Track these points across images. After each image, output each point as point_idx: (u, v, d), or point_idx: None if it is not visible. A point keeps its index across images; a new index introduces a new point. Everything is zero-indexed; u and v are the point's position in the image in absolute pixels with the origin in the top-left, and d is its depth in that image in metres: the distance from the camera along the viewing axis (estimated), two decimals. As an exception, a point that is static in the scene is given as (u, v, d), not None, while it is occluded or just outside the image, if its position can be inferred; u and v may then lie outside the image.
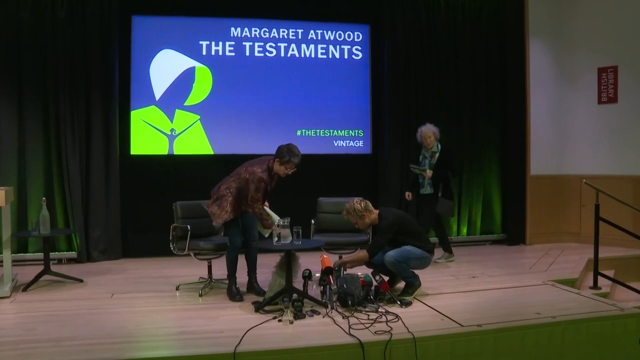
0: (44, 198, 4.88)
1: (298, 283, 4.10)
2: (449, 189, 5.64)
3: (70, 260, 5.89)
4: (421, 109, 6.74)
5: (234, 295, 4.26)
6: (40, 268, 4.81)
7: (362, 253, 4.24)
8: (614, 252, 5.99)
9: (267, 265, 4.57)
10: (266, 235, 4.25)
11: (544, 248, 6.62)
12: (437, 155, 5.62)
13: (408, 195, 5.82)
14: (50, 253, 5.09)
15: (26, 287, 4.60)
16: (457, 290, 4.54)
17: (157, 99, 6.29)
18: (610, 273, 5.24)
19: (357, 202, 4.28)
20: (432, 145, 5.62)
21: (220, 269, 4.60)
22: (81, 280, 4.89)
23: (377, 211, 4.31)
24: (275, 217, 4.21)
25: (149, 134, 6.28)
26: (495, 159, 7.12)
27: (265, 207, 4.27)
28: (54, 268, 5.04)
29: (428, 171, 5.59)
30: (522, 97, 6.99)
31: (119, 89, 6.08)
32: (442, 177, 5.59)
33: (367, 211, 4.26)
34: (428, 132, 5.61)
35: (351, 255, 4.60)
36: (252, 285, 4.39)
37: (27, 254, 5.80)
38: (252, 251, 4.43)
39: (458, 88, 6.90)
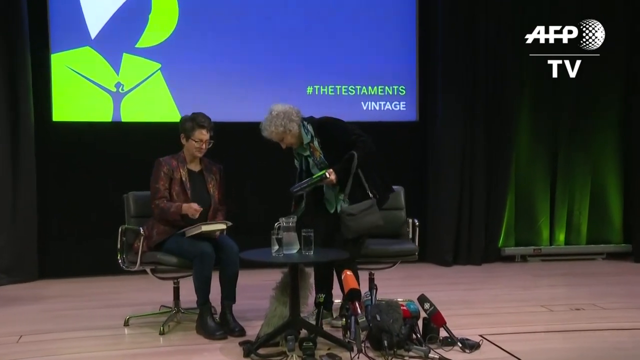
0: None
1: (308, 313, 4.13)
2: (360, 180, 4.58)
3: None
4: (493, 55, 6.77)
5: (212, 331, 4.27)
6: None
7: None
8: None
9: (260, 287, 4.59)
10: (187, 234, 4.40)
11: (696, 269, 6.65)
12: (317, 141, 4.63)
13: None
14: None
15: None
16: (551, 328, 4.51)
17: (92, 36, 6.31)
18: None
19: None
20: (297, 141, 4.64)
21: (193, 293, 4.56)
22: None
23: None
24: (219, 226, 4.42)
25: (82, 90, 6.32)
26: (611, 130, 7.13)
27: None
28: None
29: (329, 175, 4.46)
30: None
31: (28, 23, 6.07)
32: (347, 166, 4.53)
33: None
34: (277, 129, 4.51)
35: None
36: (226, 318, 4.39)
37: None
38: (230, 266, 4.43)
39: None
